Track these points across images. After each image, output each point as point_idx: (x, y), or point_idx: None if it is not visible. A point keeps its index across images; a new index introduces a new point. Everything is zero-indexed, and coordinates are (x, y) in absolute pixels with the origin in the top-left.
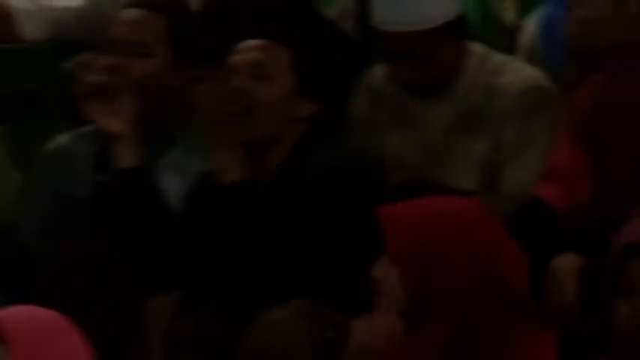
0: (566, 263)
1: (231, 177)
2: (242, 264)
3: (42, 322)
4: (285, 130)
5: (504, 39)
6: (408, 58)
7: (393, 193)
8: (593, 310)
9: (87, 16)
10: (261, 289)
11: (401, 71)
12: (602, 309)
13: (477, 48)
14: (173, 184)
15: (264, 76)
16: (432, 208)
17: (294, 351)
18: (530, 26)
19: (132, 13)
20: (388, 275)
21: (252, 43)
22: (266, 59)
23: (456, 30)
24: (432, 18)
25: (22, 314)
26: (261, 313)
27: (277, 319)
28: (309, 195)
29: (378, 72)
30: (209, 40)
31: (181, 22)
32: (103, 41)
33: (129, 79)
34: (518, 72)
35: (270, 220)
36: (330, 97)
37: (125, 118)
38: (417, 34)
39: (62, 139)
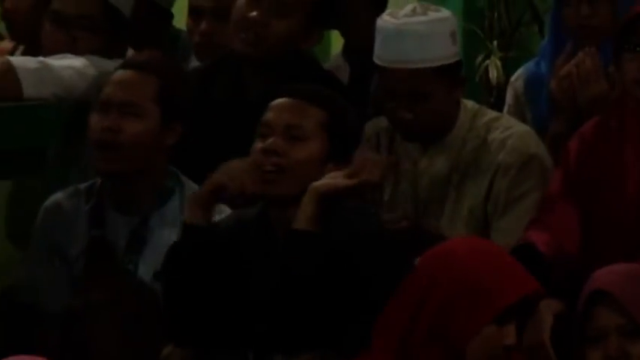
0: (548, 306)
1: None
2: (256, 317)
3: None
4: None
5: (491, 95)
6: (407, 96)
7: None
8: (566, 355)
9: (89, 76)
10: (273, 340)
11: (399, 110)
12: (575, 355)
13: (469, 104)
14: (169, 237)
15: (298, 137)
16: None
17: None
18: (516, 82)
19: (124, 74)
20: None
21: (288, 102)
22: (301, 121)
23: (453, 73)
24: (431, 58)
25: None
26: None
27: None
28: (336, 256)
29: (371, 128)
30: (200, 100)
31: (172, 83)
32: (96, 101)
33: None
34: (509, 127)
35: (293, 275)
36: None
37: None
38: (417, 71)
39: (58, 196)
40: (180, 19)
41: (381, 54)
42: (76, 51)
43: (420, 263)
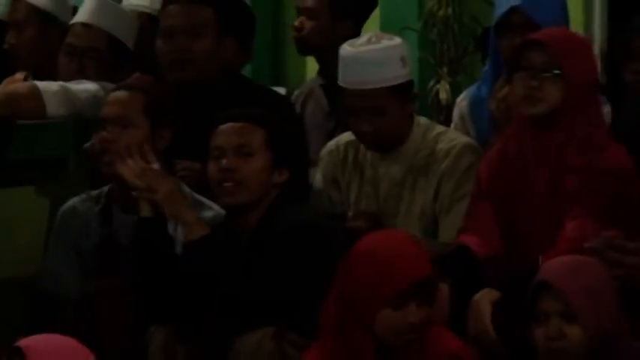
0: (485, 295)
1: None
2: (226, 300)
3: (59, 346)
4: (264, 194)
5: (441, 114)
6: (367, 111)
7: (355, 235)
8: (510, 335)
9: (100, 98)
10: (239, 319)
11: (361, 124)
12: (522, 334)
13: (422, 120)
14: (181, 232)
15: (248, 153)
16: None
17: None
18: (461, 102)
19: (116, 94)
20: None
21: (234, 125)
22: (248, 140)
23: (404, 91)
24: (384, 79)
25: (44, 341)
26: (240, 337)
27: (252, 341)
28: (278, 245)
29: (339, 141)
30: (182, 109)
31: (157, 98)
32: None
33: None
34: (454, 139)
35: (247, 265)
36: (297, 165)
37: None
38: (374, 90)
39: (74, 200)
40: None
41: (343, 77)
42: (85, 77)
43: (346, 253)
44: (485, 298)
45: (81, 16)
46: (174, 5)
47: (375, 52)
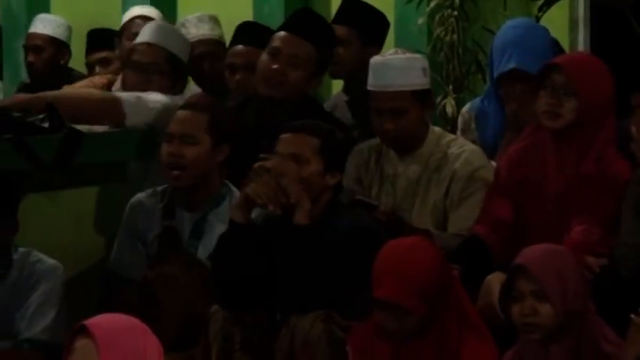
0: (495, 277)
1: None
2: (280, 286)
3: (122, 324)
4: (318, 196)
5: (447, 125)
6: (391, 112)
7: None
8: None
9: (169, 109)
10: (292, 303)
11: (385, 123)
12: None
13: (436, 128)
14: (221, 230)
15: (302, 160)
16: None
17: (315, 346)
18: (466, 114)
19: (182, 113)
20: None
21: (291, 135)
22: (302, 148)
23: (424, 97)
24: (408, 84)
25: (106, 319)
26: (291, 320)
27: (305, 323)
28: (338, 243)
29: (363, 146)
30: (242, 129)
31: (219, 117)
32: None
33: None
34: (463, 146)
35: (305, 257)
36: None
37: None
38: (398, 92)
39: (141, 195)
40: None
41: (373, 82)
42: (149, 89)
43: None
44: (494, 279)
45: (144, 37)
46: (286, 34)
47: (400, 60)
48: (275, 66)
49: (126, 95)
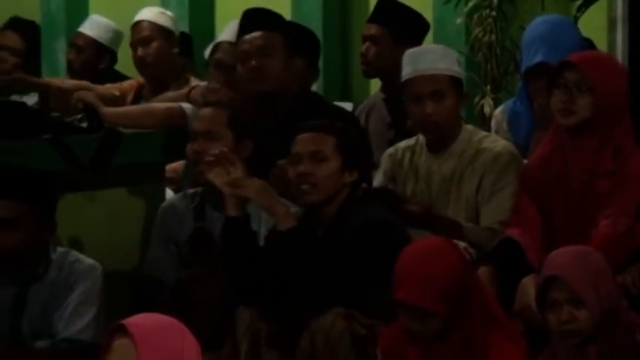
0: (531, 279)
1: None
2: (303, 286)
3: (160, 324)
4: (337, 192)
5: (485, 124)
6: (430, 96)
7: (411, 218)
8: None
9: (194, 112)
10: (315, 301)
11: (424, 107)
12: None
13: (469, 126)
14: (264, 227)
15: (321, 159)
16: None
17: (337, 343)
18: (499, 115)
19: (203, 111)
20: None
21: (309, 135)
22: (321, 147)
23: (459, 86)
24: (446, 69)
25: (144, 318)
26: (315, 318)
27: (326, 320)
28: (352, 239)
29: (398, 147)
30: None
31: (239, 112)
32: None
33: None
34: (495, 141)
35: (324, 255)
36: (363, 166)
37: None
38: (437, 75)
39: (173, 198)
40: None
41: (409, 70)
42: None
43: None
44: (530, 281)
45: (226, 36)
46: (247, 36)
47: (438, 48)
48: (252, 62)
49: (187, 105)
